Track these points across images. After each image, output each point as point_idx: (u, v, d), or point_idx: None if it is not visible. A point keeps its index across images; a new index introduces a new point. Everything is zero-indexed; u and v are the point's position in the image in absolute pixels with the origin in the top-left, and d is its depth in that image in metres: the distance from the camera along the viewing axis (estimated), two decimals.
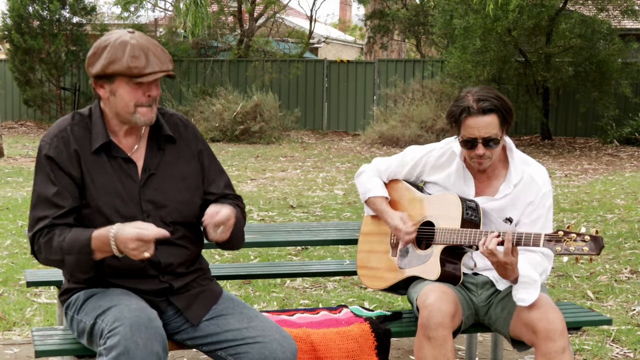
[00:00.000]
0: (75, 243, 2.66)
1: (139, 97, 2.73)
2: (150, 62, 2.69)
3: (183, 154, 2.91)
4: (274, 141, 18.15)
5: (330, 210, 9.02)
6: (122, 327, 2.60)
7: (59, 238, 2.68)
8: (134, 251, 2.59)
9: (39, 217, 2.74)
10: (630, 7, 17.21)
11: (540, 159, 15.10)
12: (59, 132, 2.79)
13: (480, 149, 3.20)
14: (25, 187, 10.56)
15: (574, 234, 2.93)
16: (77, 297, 2.88)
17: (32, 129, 21.22)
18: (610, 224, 8.16)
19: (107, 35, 2.77)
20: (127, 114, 2.75)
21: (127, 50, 2.68)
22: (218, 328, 2.85)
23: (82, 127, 2.80)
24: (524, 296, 3.11)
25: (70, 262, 2.68)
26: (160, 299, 2.86)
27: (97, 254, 2.67)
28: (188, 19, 12.38)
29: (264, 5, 23.50)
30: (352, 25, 41.78)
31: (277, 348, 2.76)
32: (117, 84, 2.72)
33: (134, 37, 2.72)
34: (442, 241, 3.25)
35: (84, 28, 21.70)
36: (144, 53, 2.69)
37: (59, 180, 2.74)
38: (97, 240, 2.65)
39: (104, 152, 2.79)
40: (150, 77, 2.69)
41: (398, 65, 21.04)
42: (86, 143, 2.78)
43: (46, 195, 2.74)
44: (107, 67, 2.69)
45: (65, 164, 2.74)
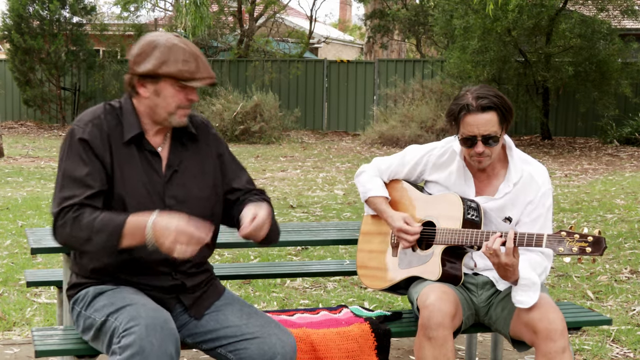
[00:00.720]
0: (109, 223, 2.65)
1: (182, 99, 2.78)
2: (200, 68, 2.76)
3: (203, 152, 2.95)
4: (274, 141, 18.15)
5: (330, 210, 9.02)
6: (137, 326, 2.61)
7: (90, 216, 2.67)
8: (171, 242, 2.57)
9: (68, 195, 2.72)
10: (630, 7, 17.21)
11: (540, 159, 15.10)
12: (93, 118, 2.82)
13: (480, 147, 3.20)
14: (25, 187, 10.57)
15: (576, 235, 2.93)
16: (86, 292, 2.87)
17: (32, 129, 21.22)
18: (610, 224, 8.16)
19: (152, 35, 2.81)
20: (167, 113, 2.80)
21: (180, 53, 2.73)
22: (218, 324, 2.87)
23: (113, 117, 2.84)
24: (523, 299, 3.11)
25: (98, 241, 2.65)
26: (170, 296, 2.88)
27: (125, 239, 2.64)
28: (188, 19, 12.38)
29: (264, 5, 23.51)
30: (352, 25, 41.78)
31: (276, 343, 2.78)
32: (163, 85, 2.77)
33: (183, 41, 2.77)
34: (443, 241, 3.25)
35: (84, 28, 21.72)
36: (194, 58, 2.75)
37: (91, 162, 2.75)
38: (132, 224, 2.63)
39: (134, 144, 2.83)
40: (199, 83, 2.76)
41: (398, 65, 21.04)
42: (117, 133, 2.82)
43: (76, 176, 2.73)
44: (158, 68, 2.74)
45: (98, 149, 2.77)
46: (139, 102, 2.84)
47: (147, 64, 2.75)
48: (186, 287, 2.89)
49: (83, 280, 2.90)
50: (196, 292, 2.93)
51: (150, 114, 2.83)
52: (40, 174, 12.06)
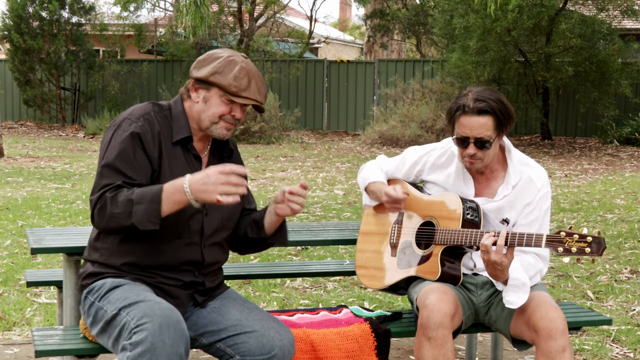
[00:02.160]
0: (147, 192, 2.69)
1: (226, 112, 2.88)
2: (250, 88, 2.87)
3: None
4: (274, 141, 18.15)
5: (330, 210, 9.02)
6: (150, 323, 2.62)
7: (128, 192, 2.72)
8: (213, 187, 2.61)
9: (106, 183, 2.76)
10: (630, 7, 17.21)
11: (540, 159, 15.11)
12: (144, 114, 2.89)
13: (471, 149, 3.21)
14: (25, 187, 10.57)
15: (576, 235, 2.93)
16: (102, 283, 2.87)
17: (32, 129, 21.22)
18: (610, 224, 8.16)
19: (223, 49, 2.95)
20: (210, 122, 2.90)
21: (235, 69, 2.86)
22: (219, 316, 2.92)
23: (162, 116, 2.92)
24: (512, 299, 3.12)
25: (139, 210, 2.67)
26: (187, 292, 2.94)
27: (166, 204, 2.68)
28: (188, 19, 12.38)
29: (264, 5, 23.50)
30: (352, 25, 41.78)
31: (274, 336, 2.83)
32: (212, 94, 2.88)
33: (245, 61, 2.90)
34: (443, 241, 3.25)
35: (84, 28, 21.71)
36: (248, 78, 2.87)
37: (137, 156, 2.80)
38: (169, 187, 2.68)
39: (180, 146, 2.91)
40: (243, 100, 2.86)
41: (398, 65, 21.04)
42: (167, 132, 2.90)
43: (118, 166, 2.78)
44: (210, 76, 2.86)
45: (148, 144, 2.83)
46: (190, 106, 2.94)
47: (203, 71, 2.88)
48: (205, 286, 2.97)
49: (102, 270, 2.89)
50: (209, 293, 3.01)
51: (197, 120, 2.92)
52: (40, 174, 12.06)
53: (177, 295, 2.90)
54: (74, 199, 9.50)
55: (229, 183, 2.62)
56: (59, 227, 7.52)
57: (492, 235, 3.04)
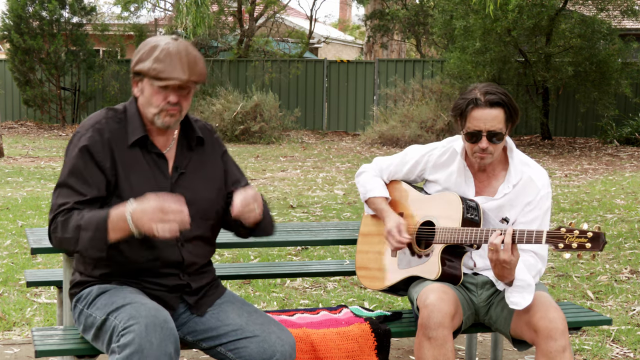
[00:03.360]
0: (93, 219, 2.66)
1: (159, 100, 2.78)
2: (170, 68, 2.73)
3: (209, 157, 3.00)
4: (274, 141, 18.15)
5: (330, 210, 9.02)
6: (137, 325, 2.62)
7: (77, 216, 2.70)
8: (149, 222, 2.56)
9: (61, 203, 2.76)
10: (630, 7, 17.21)
11: (540, 159, 15.11)
12: (94, 123, 2.84)
13: (484, 142, 3.21)
14: (25, 187, 10.56)
15: (576, 231, 2.93)
16: (89, 291, 2.88)
17: (32, 129, 21.22)
18: (610, 224, 8.16)
19: (156, 37, 2.85)
20: (152, 114, 2.81)
21: (155, 52, 2.74)
22: (218, 322, 2.89)
23: (116, 121, 2.86)
24: (517, 300, 3.11)
25: (85, 238, 2.66)
26: (174, 295, 2.90)
27: (112, 232, 2.65)
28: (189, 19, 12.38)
29: (264, 5, 23.50)
30: (352, 25, 41.77)
31: (275, 341, 2.81)
32: (145, 83, 2.80)
33: (170, 43, 2.76)
34: (443, 240, 3.25)
35: (84, 28, 21.71)
36: (170, 59, 2.73)
37: (88, 170, 2.77)
38: (114, 216, 2.64)
39: (139, 147, 2.85)
40: (166, 82, 2.74)
41: (398, 65, 21.04)
42: (121, 137, 2.84)
43: (71, 184, 2.76)
44: (136, 65, 2.79)
45: (98, 155, 2.78)
46: (140, 102, 2.87)
47: (132, 62, 2.82)
48: (191, 288, 2.92)
49: (87, 278, 2.91)
50: (199, 293, 2.95)
51: (144, 114, 2.85)
52: (40, 174, 12.05)
53: (165, 299, 2.87)
54: None
55: (165, 219, 2.57)
56: None
57: (499, 233, 3.04)
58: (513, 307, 3.12)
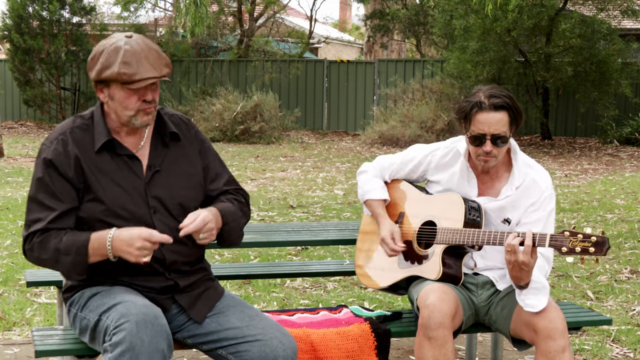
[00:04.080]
0: (73, 244, 2.72)
1: (134, 102, 2.76)
2: (141, 69, 2.71)
3: (186, 152, 2.95)
4: (274, 141, 18.15)
5: (330, 210, 9.02)
6: (127, 323, 2.62)
7: (55, 239, 2.73)
8: (138, 251, 2.65)
9: (33, 219, 2.79)
10: (630, 7, 17.20)
11: (540, 159, 15.11)
12: (58, 135, 2.83)
13: (488, 146, 3.20)
14: (25, 187, 10.56)
15: (580, 235, 2.92)
16: (81, 294, 2.89)
17: (32, 129, 21.22)
18: (610, 224, 8.16)
19: (107, 39, 2.80)
20: (128, 117, 2.79)
21: (119, 56, 2.71)
22: (219, 326, 2.87)
23: (82, 129, 2.84)
24: (533, 302, 3.09)
25: (66, 262, 2.73)
26: (165, 297, 2.89)
27: (91, 257, 2.73)
28: (188, 19, 12.38)
29: (264, 5, 23.49)
30: (352, 25, 41.76)
31: (277, 346, 2.79)
32: (113, 89, 2.77)
33: (129, 42, 2.73)
34: (444, 241, 3.25)
35: (84, 28, 21.70)
36: (136, 59, 2.71)
37: (55, 183, 2.77)
38: (94, 241, 2.71)
39: (107, 151, 2.83)
40: (140, 84, 2.72)
41: (398, 65, 21.04)
42: (87, 144, 2.82)
43: (40, 199, 2.78)
44: (101, 73, 2.74)
45: (63, 167, 2.77)
46: (107, 106, 2.85)
47: (94, 71, 2.77)
48: (179, 286, 2.89)
49: (79, 282, 2.91)
50: (192, 292, 2.92)
51: (116, 118, 2.83)
52: None
53: (156, 300, 2.86)
54: None
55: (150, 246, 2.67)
56: None
57: (517, 235, 3.03)
58: (529, 310, 3.10)
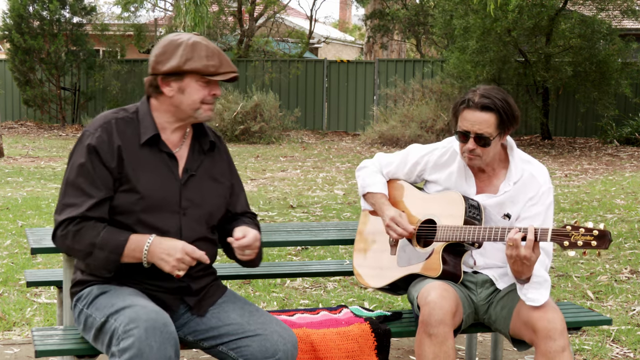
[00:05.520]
0: (110, 241, 2.73)
1: (206, 95, 2.86)
2: (223, 63, 2.84)
3: (219, 165, 3.03)
4: (274, 141, 18.15)
5: (330, 210, 9.02)
6: (137, 329, 2.62)
7: (93, 232, 2.74)
8: (176, 262, 2.71)
9: (69, 203, 2.78)
10: (630, 7, 17.20)
11: (540, 159, 15.10)
12: (103, 123, 2.85)
13: (471, 144, 3.22)
14: (25, 187, 10.56)
15: (582, 229, 2.93)
16: (89, 290, 2.88)
17: (32, 129, 21.22)
18: (610, 224, 8.16)
19: (174, 35, 2.88)
20: (192, 110, 2.87)
21: (202, 50, 2.82)
22: (219, 322, 2.89)
23: (126, 121, 2.88)
24: (535, 296, 3.10)
25: (99, 257, 2.74)
26: (174, 297, 2.91)
27: (125, 257, 2.76)
28: (188, 19, 12.38)
29: (264, 5, 23.50)
30: (353, 25, 41.75)
31: (277, 340, 2.81)
32: (187, 82, 2.84)
33: (204, 39, 2.87)
34: (444, 238, 3.25)
35: (84, 28, 21.71)
36: (217, 54, 2.84)
37: (96, 170, 2.79)
38: (132, 243, 2.74)
39: (149, 146, 2.87)
40: (223, 77, 2.84)
41: (398, 65, 21.04)
42: (131, 136, 2.86)
43: (79, 184, 2.78)
44: (183, 65, 2.80)
45: (106, 156, 2.80)
46: (160, 102, 2.88)
47: (172, 62, 2.81)
48: (192, 289, 2.93)
49: (88, 277, 2.91)
50: (200, 294, 2.96)
51: (174, 113, 2.88)
52: (40, 174, 12.06)
53: (165, 300, 2.88)
54: None
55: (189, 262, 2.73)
56: None
57: (518, 230, 3.03)
58: (530, 304, 3.11)
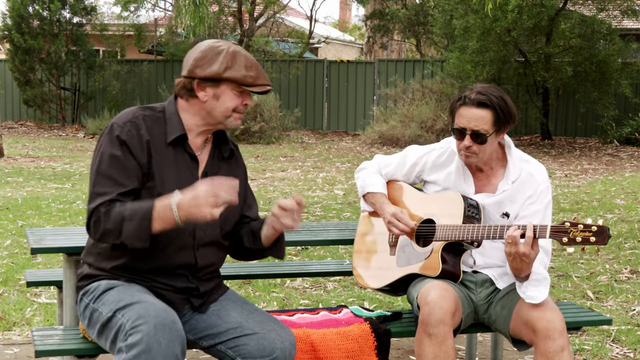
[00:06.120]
0: (138, 210, 2.70)
1: (239, 104, 2.89)
2: (260, 75, 2.87)
3: (235, 172, 3.05)
4: (274, 141, 18.15)
5: (330, 210, 9.02)
6: (145, 325, 2.62)
7: (121, 207, 2.72)
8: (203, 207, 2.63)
9: (100, 192, 2.77)
10: (630, 7, 17.21)
11: (540, 159, 15.11)
12: (132, 118, 2.86)
13: (467, 141, 3.22)
14: (25, 187, 10.57)
15: (580, 225, 2.93)
16: (97, 285, 2.87)
17: (32, 129, 21.22)
18: (610, 224, 8.16)
19: (213, 41, 2.90)
20: (223, 117, 2.89)
21: (242, 60, 2.84)
22: (219, 319, 2.91)
23: (153, 119, 2.89)
24: (534, 294, 3.11)
25: (129, 228, 2.70)
26: (181, 297, 2.92)
27: (156, 222, 2.69)
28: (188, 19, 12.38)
29: (264, 5, 23.50)
30: (352, 25, 41.75)
31: (275, 338, 2.82)
32: (223, 89, 2.86)
33: (243, 50, 2.89)
34: (444, 237, 3.25)
35: (84, 28, 21.72)
36: (255, 66, 2.87)
37: (127, 161, 2.79)
38: (159, 207, 2.69)
39: (174, 146, 2.88)
40: (259, 89, 2.88)
41: (398, 65, 21.05)
42: (158, 134, 2.87)
43: (110, 174, 2.78)
44: (223, 72, 2.82)
45: (135, 149, 2.80)
46: (191, 105, 2.90)
47: (212, 68, 2.83)
48: (199, 291, 2.94)
49: (96, 272, 2.90)
50: (205, 296, 2.98)
51: (204, 117, 2.90)
52: (40, 174, 12.06)
53: (171, 299, 2.88)
54: (74, 199, 9.50)
55: (219, 196, 2.65)
56: (59, 227, 7.52)
57: (517, 227, 3.04)
58: (529, 302, 3.11)
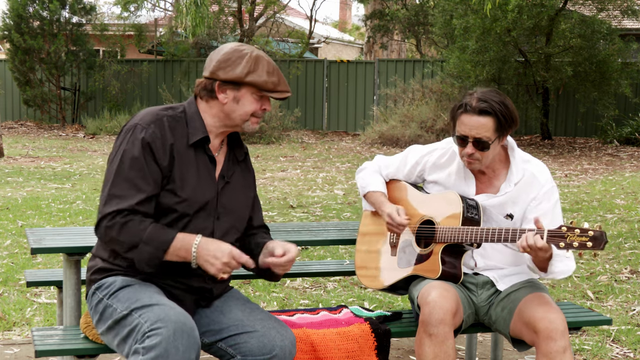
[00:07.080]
0: (157, 237, 2.72)
1: (258, 108, 2.89)
2: (280, 82, 2.88)
3: (247, 176, 3.09)
4: (274, 141, 18.15)
5: (330, 210, 9.02)
6: (165, 329, 2.61)
7: (140, 225, 2.72)
8: (222, 265, 2.71)
9: (118, 194, 2.75)
10: (630, 7, 17.21)
11: (540, 159, 15.08)
12: (155, 119, 2.84)
13: (470, 149, 3.21)
14: (25, 187, 10.57)
15: (577, 229, 2.93)
16: (113, 280, 2.85)
17: (32, 129, 21.22)
18: (610, 224, 8.16)
19: (237, 45, 2.90)
20: (241, 120, 2.90)
21: (265, 65, 2.85)
22: (221, 315, 2.92)
23: (175, 119, 2.88)
24: (562, 268, 3.12)
25: (143, 252, 2.71)
26: (194, 297, 2.93)
27: (169, 255, 2.74)
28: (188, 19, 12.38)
29: (264, 5, 23.50)
30: (352, 25, 41.75)
31: (275, 336, 2.83)
32: (243, 93, 2.86)
33: (266, 55, 2.90)
34: (443, 239, 3.25)
35: (84, 28, 21.71)
36: (276, 72, 2.88)
37: (149, 165, 2.77)
38: (178, 242, 2.73)
39: (195, 147, 2.88)
40: (279, 95, 2.88)
41: (398, 65, 21.04)
42: (180, 135, 2.86)
43: (131, 177, 2.76)
44: (245, 76, 2.83)
45: (159, 151, 2.79)
46: (210, 106, 2.90)
47: (234, 71, 2.83)
48: (212, 294, 2.97)
49: (110, 266, 2.88)
50: (214, 299, 3.01)
51: (223, 119, 2.90)
52: (40, 174, 12.06)
53: (183, 299, 2.88)
54: (74, 199, 9.50)
55: (232, 266, 2.73)
56: (59, 227, 7.52)
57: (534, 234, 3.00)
58: (561, 277, 3.14)
